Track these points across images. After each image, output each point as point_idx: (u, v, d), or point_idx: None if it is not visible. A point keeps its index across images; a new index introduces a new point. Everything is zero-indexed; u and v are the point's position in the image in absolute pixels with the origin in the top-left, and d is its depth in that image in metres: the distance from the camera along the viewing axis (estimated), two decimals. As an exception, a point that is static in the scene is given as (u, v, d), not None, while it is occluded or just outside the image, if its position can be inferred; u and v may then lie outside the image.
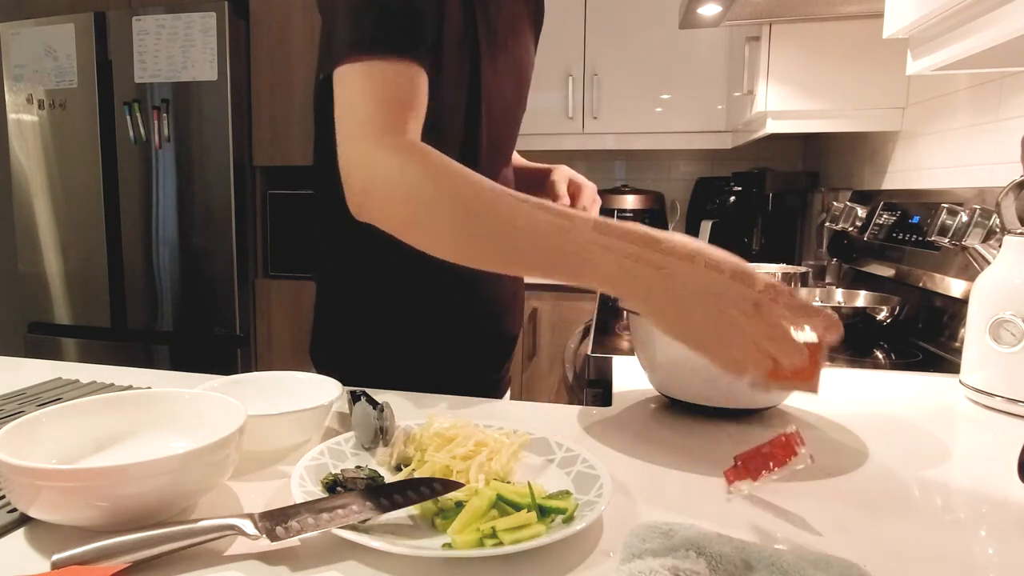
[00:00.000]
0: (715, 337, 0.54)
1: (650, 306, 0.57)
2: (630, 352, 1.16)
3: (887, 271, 1.57)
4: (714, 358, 0.55)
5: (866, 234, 1.64)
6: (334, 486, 0.54)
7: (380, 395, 0.78)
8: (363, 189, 0.69)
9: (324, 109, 0.86)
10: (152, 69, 2.51)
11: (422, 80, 0.73)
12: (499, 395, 1.06)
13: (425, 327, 0.95)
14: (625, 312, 0.82)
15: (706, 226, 2.53)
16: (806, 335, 0.53)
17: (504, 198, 0.64)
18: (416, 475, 0.57)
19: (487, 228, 0.64)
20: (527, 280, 1.10)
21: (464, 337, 0.98)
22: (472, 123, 0.91)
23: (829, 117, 1.84)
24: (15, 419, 0.54)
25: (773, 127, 1.89)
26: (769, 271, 1.74)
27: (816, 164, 2.61)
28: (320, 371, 0.98)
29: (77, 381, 0.87)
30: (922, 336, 1.36)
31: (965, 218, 1.12)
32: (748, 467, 0.58)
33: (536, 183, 1.08)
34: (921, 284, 1.39)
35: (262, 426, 0.63)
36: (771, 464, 0.56)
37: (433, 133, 0.86)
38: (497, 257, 0.65)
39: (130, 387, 0.85)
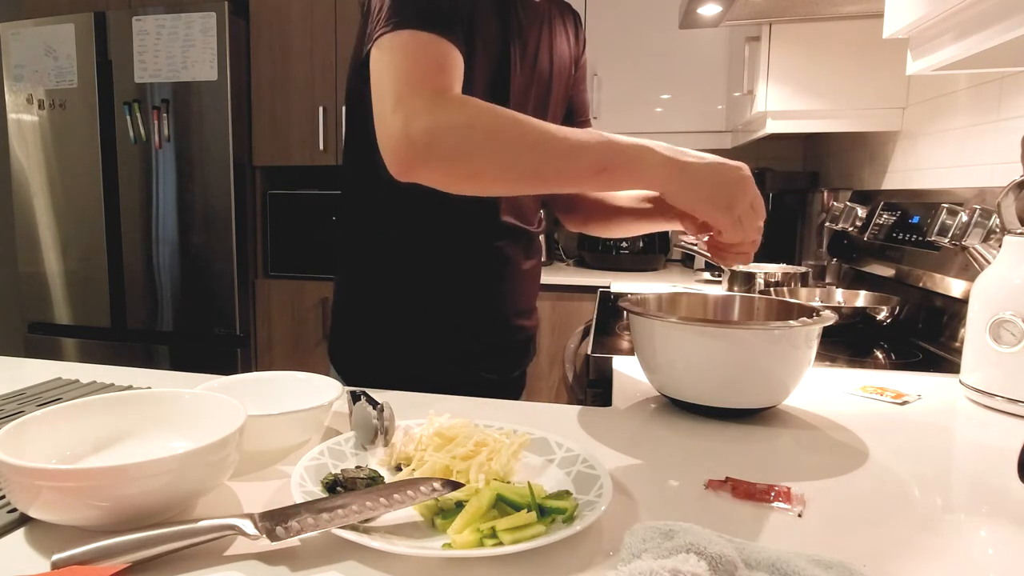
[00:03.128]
0: (722, 205, 0.75)
1: (673, 187, 0.75)
2: (630, 352, 1.16)
3: (887, 271, 1.57)
4: (718, 221, 0.76)
5: (866, 234, 1.64)
6: (334, 486, 0.54)
7: (380, 395, 0.78)
8: (428, 139, 0.70)
9: (361, 97, 0.86)
10: (152, 69, 2.51)
11: (458, 58, 0.77)
12: (518, 395, 1.08)
13: (446, 325, 0.96)
14: (625, 312, 0.82)
15: (706, 226, 2.53)
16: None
17: (550, 127, 0.74)
18: (416, 475, 0.57)
19: (542, 156, 0.73)
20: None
21: (483, 335, 0.98)
22: None
23: (829, 117, 1.84)
24: (15, 419, 0.54)
25: (773, 127, 1.89)
26: (769, 271, 1.75)
27: (816, 164, 2.61)
28: (338, 369, 0.99)
29: (77, 381, 0.87)
30: (922, 336, 1.36)
31: (965, 218, 1.12)
32: (736, 487, 0.58)
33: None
34: (921, 284, 1.39)
35: (262, 426, 0.63)
36: (757, 496, 0.57)
37: None
38: (553, 176, 0.75)
39: (130, 387, 0.85)
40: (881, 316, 1.32)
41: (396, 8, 0.76)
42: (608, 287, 2.15)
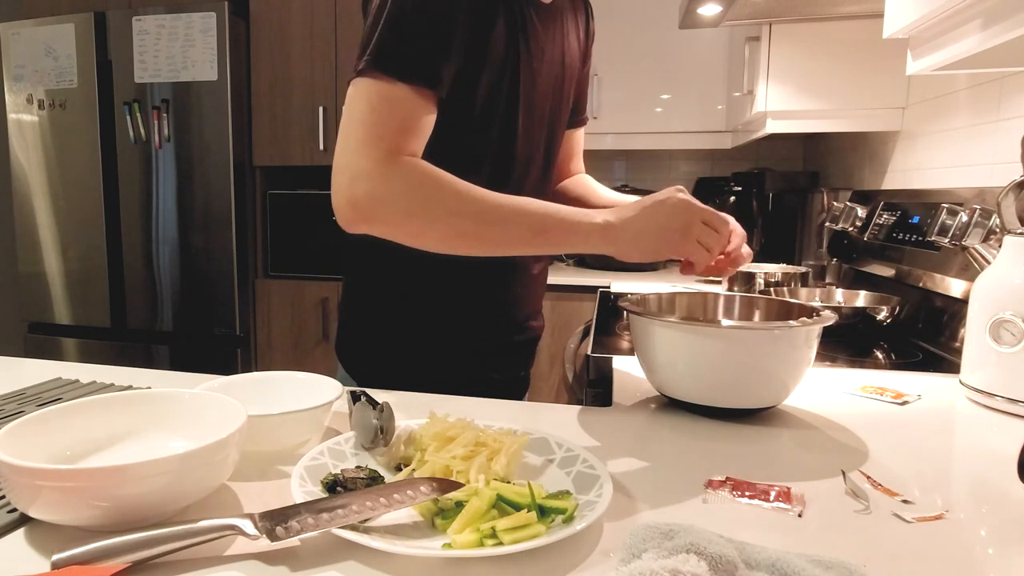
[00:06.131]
0: (676, 241, 0.75)
1: (614, 248, 0.76)
2: (630, 352, 1.16)
3: (887, 271, 1.57)
4: (673, 254, 0.77)
5: (866, 234, 1.64)
6: (334, 486, 0.54)
7: (380, 395, 0.78)
8: (368, 204, 0.74)
9: None
10: (152, 69, 2.51)
11: (430, 109, 0.78)
12: (522, 395, 1.08)
13: (454, 326, 0.96)
14: (625, 312, 0.82)
15: (706, 226, 2.53)
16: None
17: (490, 195, 0.75)
18: (416, 475, 0.57)
19: (481, 222, 0.75)
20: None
21: (492, 336, 0.99)
22: (508, 136, 0.90)
23: (829, 117, 1.84)
24: (15, 419, 0.54)
25: (773, 127, 1.89)
26: (769, 271, 1.75)
27: (816, 164, 2.61)
28: (347, 368, 0.99)
29: (77, 381, 0.87)
30: (922, 336, 1.36)
31: (965, 218, 1.12)
32: (736, 487, 0.58)
33: None
34: (921, 284, 1.39)
35: (262, 426, 0.63)
36: (757, 496, 0.57)
37: (466, 146, 0.87)
38: (492, 240, 0.77)
39: (130, 387, 0.85)
40: (881, 316, 1.32)
41: (379, 44, 0.75)
42: (608, 287, 2.15)
